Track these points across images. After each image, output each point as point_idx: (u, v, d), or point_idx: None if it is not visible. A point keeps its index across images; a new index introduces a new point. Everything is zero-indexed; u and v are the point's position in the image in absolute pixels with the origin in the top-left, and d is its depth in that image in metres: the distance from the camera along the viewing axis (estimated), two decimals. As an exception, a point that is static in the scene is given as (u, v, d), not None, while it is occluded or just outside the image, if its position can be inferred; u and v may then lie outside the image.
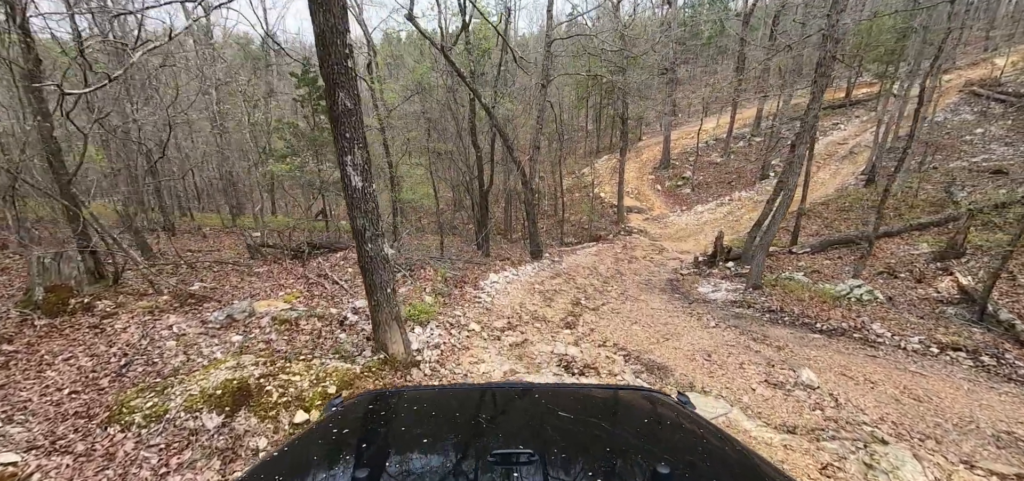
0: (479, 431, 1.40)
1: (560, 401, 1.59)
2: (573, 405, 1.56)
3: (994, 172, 14.44)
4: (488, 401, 1.64)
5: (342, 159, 3.23)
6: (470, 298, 7.51)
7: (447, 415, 1.48)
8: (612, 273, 12.10)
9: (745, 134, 25.12)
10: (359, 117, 3.15)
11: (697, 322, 7.56)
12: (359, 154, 3.24)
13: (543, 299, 8.48)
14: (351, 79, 3.06)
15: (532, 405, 1.59)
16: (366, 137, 3.20)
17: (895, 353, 5.81)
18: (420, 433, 1.34)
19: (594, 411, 1.57)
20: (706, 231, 17.71)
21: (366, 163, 3.29)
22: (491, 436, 1.36)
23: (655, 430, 1.44)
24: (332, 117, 3.11)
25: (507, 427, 1.48)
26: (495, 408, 1.60)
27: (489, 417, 1.51)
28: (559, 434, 1.33)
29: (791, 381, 4.98)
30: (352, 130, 3.18)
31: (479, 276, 9.31)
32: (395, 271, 3.54)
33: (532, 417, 1.51)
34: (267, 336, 4.51)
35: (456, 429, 1.38)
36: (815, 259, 12.16)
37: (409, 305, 6.11)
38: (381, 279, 3.66)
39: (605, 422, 1.49)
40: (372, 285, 3.71)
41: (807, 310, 7.60)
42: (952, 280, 9.53)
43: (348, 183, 3.24)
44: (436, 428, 1.38)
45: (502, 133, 10.39)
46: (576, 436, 1.33)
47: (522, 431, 1.43)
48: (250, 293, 6.50)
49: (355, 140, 3.21)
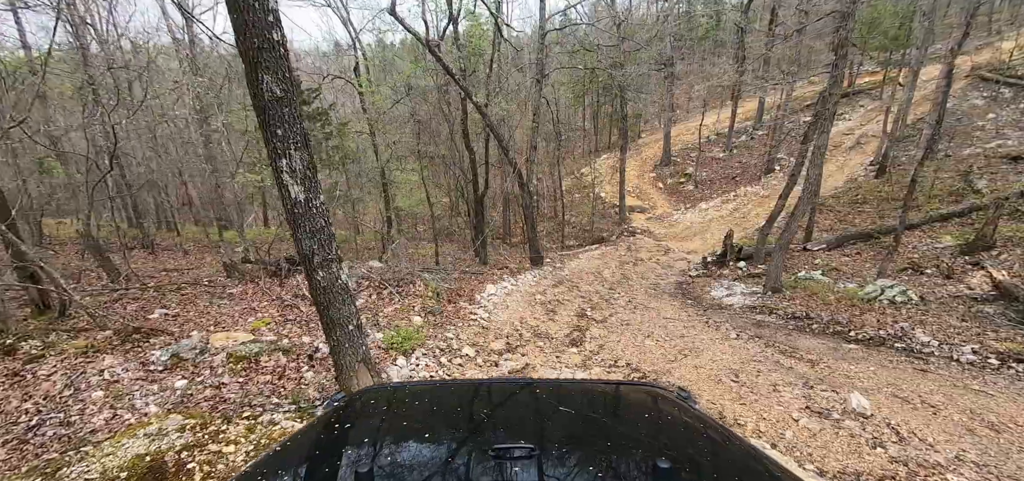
0: (479, 426, 1.39)
1: (560, 396, 1.58)
2: (573, 400, 1.55)
3: (1013, 159, 13.76)
4: (488, 396, 1.63)
5: (276, 164, 2.50)
6: (465, 315, 6.78)
7: (447, 410, 1.49)
8: (618, 278, 11.39)
9: (747, 128, 24.47)
10: (295, 110, 2.44)
11: (716, 333, 6.84)
12: (299, 157, 2.51)
13: (545, 312, 7.76)
14: (279, 58, 2.33)
15: (532, 400, 1.57)
16: (307, 136, 2.46)
17: (948, 366, 5.09)
18: (420, 428, 1.32)
19: (594, 406, 1.56)
20: (712, 229, 17.02)
21: (309, 168, 2.58)
22: (491, 431, 1.34)
23: (656, 425, 1.41)
24: (257, 108, 2.39)
25: (507, 422, 1.47)
26: (495, 403, 1.58)
27: (489, 412, 1.50)
28: (559, 429, 1.34)
29: (837, 407, 4.26)
30: (285, 126, 2.44)
31: (475, 288, 8.59)
32: (354, 302, 2.79)
33: (532, 412, 1.49)
34: (218, 379, 3.79)
35: (456, 424, 1.40)
36: (832, 256, 11.46)
37: (394, 328, 5.39)
38: (340, 314, 2.94)
39: (605, 417, 1.48)
40: (330, 322, 2.97)
41: (836, 315, 6.89)
42: (984, 275, 8.82)
43: (286, 195, 2.52)
44: (436, 423, 1.38)
45: (496, 133, 9.69)
46: (576, 431, 1.32)
47: (522, 426, 1.42)
48: (215, 321, 5.77)
49: (291, 139, 2.47)
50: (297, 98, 2.42)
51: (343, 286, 2.85)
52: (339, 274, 2.79)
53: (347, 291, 2.88)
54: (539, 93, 10.22)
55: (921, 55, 16.12)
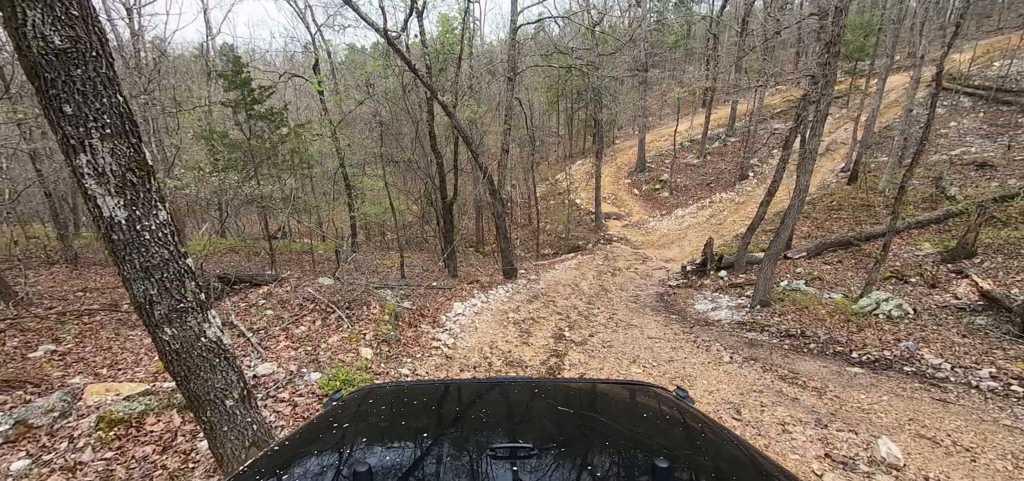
0: (478, 426, 1.38)
1: (559, 396, 1.58)
2: (572, 400, 1.55)
3: (979, 166, 13.96)
4: (487, 396, 1.61)
5: (73, 161, 1.54)
6: (426, 342, 5.88)
7: (446, 410, 1.50)
8: (596, 290, 10.71)
9: (720, 134, 24.51)
10: (99, 72, 1.51)
11: (707, 355, 6.19)
12: (109, 152, 1.56)
13: (519, 333, 6.94)
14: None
15: (531, 400, 1.56)
16: (132, 118, 1.52)
17: (969, 395, 4.56)
18: (419, 427, 1.31)
19: (592, 406, 1.55)
20: (689, 236, 16.66)
21: (135, 170, 1.64)
22: (490, 431, 1.31)
23: (653, 424, 1.39)
24: (27, 70, 1.46)
25: (506, 421, 1.44)
26: (494, 403, 1.56)
27: (487, 412, 1.48)
28: (558, 429, 1.32)
29: (862, 454, 3.61)
30: (79, 99, 1.49)
31: (441, 307, 7.69)
32: (234, 366, 1.84)
33: (531, 412, 1.48)
34: (76, 457, 2.79)
35: (455, 424, 1.40)
36: (813, 264, 11.15)
37: (337, 366, 4.45)
38: (208, 386, 1.99)
39: (603, 417, 1.46)
40: (193, 398, 2.02)
41: (833, 333, 6.36)
42: (969, 284, 8.58)
43: (97, 212, 1.58)
44: (436, 422, 1.37)
45: (464, 135, 8.84)
46: (575, 430, 1.31)
47: (521, 426, 1.40)
48: (112, 361, 4.67)
49: (93, 121, 1.53)
50: (104, 51, 1.50)
51: (211, 345, 1.89)
52: (203, 329, 1.85)
53: (219, 351, 1.93)
54: (511, 92, 9.46)
55: (888, 64, 16.31)
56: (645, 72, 22.23)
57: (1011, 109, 17.48)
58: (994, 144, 15.68)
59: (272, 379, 4.15)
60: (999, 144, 15.33)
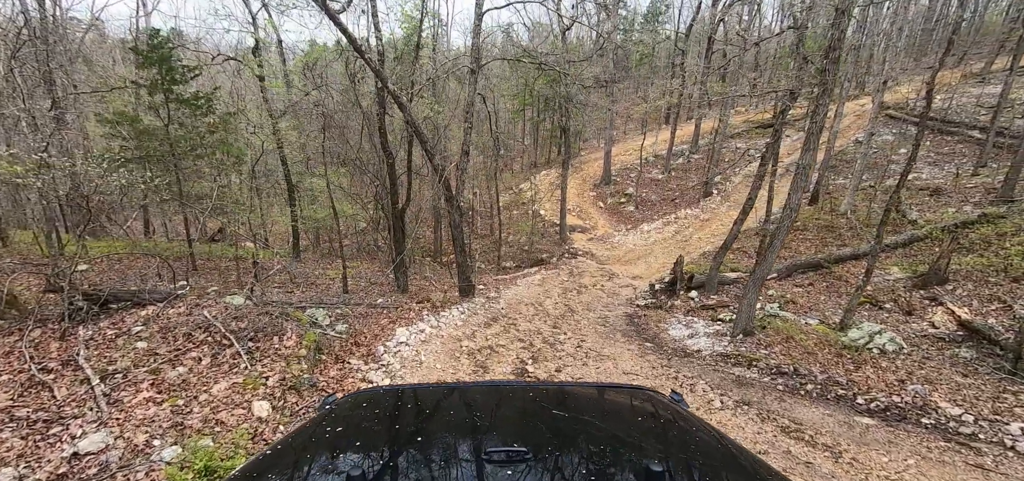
0: (473, 429, 1.35)
1: (554, 399, 1.56)
2: (567, 403, 1.53)
3: (933, 192, 14.26)
4: (483, 399, 1.58)
5: None
6: (353, 386, 4.60)
7: (441, 413, 1.47)
8: (562, 311, 9.72)
9: (684, 151, 24.51)
10: None
11: (693, 397, 5.28)
12: None
13: (474, 367, 5.78)
14: None
15: (527, 403, 1.55)
16: None
17: (1008, 459, 3.85)
18: (414, 431, 1.30)
19: (588, 409, 1.54)
20: (656, 253, 16.12)
21: None
22: (485, 434, 1.29)
23: (648, 428, 1.39)
24: None
25: (501, 425, 1.41)
26: (489, 406, 1.53)
27: (482, 415, 1.45)
28: (553, 432, 1.29)
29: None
30: None
31: (380, 333, 6.40)
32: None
33: (526, 415, 1.46)
34: None
35: (450, 427, 1.36)
36: (784, 286, 10.71)
37: (212, 429, 3.13)
38: None
39: (599, 420, 1.44)
40: None
41: (830, 371, 5.64)
42: (945, 312, 8.28)
43: None
44: (431, 426, 1.35)
45: (418, 131, 7.65)
46: (570, 434, 1.28)
47: (517, 429, 1.38)
48: None
49: None
50: None
51: None
52: None
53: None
54: (474, 87, 8.36)
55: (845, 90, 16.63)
56: (613, 83, 21.86)
57: (953, 138, 18.29)
58: (942, 171, 16.22)
59: (98, 460, 2.78)
60: (947, 171, 15.84)
